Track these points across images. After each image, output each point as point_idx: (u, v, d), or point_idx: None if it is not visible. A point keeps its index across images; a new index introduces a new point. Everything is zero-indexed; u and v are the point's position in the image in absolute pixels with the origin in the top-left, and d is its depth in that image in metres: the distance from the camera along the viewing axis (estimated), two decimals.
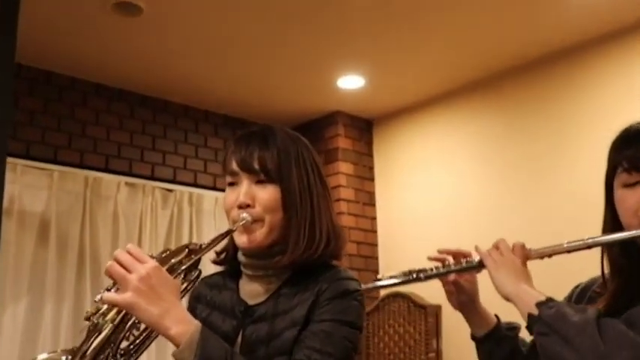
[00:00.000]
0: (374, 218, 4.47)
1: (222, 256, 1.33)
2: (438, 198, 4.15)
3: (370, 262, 4.36)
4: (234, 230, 1.23)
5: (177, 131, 4.20)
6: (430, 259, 1.47)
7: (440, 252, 1.46)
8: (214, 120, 4.38)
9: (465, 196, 4.02)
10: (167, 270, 1.09)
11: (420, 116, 4.35)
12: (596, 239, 1.26)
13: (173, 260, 1.12)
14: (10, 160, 3.30)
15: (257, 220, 1.23)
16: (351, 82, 4.00)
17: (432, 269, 1.45)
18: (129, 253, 1.07)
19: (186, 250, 1.15)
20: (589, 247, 1.28)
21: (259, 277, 1.27)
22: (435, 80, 4.01)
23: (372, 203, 4.48)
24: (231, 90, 4.04)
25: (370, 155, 4.57)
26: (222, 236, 1.22)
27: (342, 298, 1.20)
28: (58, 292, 3.61)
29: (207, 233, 4.18)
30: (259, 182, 1.24)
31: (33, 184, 3.62)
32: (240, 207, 1.24)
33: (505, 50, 3.65)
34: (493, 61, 3.80)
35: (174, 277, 1.10)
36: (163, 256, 1.13)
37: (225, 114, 4.41)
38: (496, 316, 1.49)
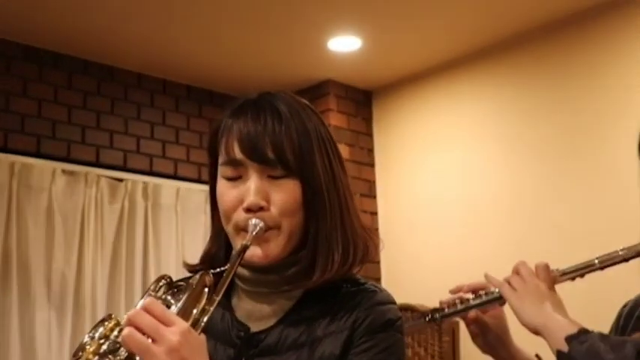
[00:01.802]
0: (374, 213, 4.50)
1: (203, 259, 1.27)
2: (453, 188, 4.17)
3: (370, 268, 4.35)
4: (249, 245, 1.15)
5: (127, 105, 4.19)
6: (443, 303, 1.50)
7: (453, 292, 1.50)
8: (174, 91, 4.39)
9: (486, 186, 4.04)
10: (195, 323, 1.04)
11: (430, 86, 4.36)
12: (632, 249, 1.29)
13: (195, 311, 1.04)
14: None
15: (272, 228, 1.17)
16: (345, 43, 3.99)
17: (447, 307, 1.50)
18: (148, 311, 0.98)
19: (205, 290, 1.06)
20: (625, 259, 1.30)
21: (265, 295, 1.22)
22: (449, 41, 4.00)
23: (371, 195, 4.51)
24: (194, 54, 4.06)
25: (369, 135, 4.59)
26: (238, 256, 1.14)
27: (385, 331, 1.17)
28: None
29: (167, 234, 4.20)
30: (273, 177, 1.18)
31: None
32: (250, 210, 1.17)
33: (537, 3, 3.63)
34: (523, 16, 3.79)
35: (200, 333, 1.03)
36: (161, 284, 1.08)
37: (187, 84, 4.43)
38: (537, 356, 1.48)
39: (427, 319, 1.49)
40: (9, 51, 3.83)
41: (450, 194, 4.17)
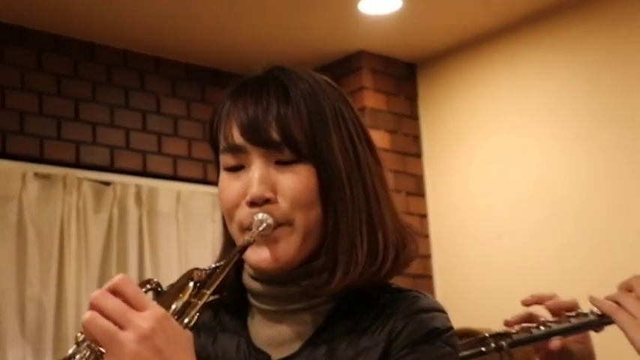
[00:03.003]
0: (423, 215, 4.52)
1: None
2: (521, 181, 4.18)
3: (421, 282, 4.35)
4: (253, 242, 1.19)
5: (112, 90, 4.23)
6: (510, 323, 1.52)
7: (526, 303, 1.51)
8: (170, 71, 4.43)
9: (561, 178, 4.06)
10: (177, 314, 1.10)
11: (488, 54, 4.38)
12: None
13: (177, 303, 1.10)
14: None
15: (282, 224, 1.21)
16: (380, 4, 4.01)
17: (518, 331, 1.51)
18: (116, 293, 1.03)
19: (190, 283, 1.12)
20: None
21: (286, 313, 1.26)
22: None
23: (419, 192, 4.53)
24: (192, 26, 4.12)
25: (414, 118, 4.61)
26: (238, 253, 1.19)
27: (430, 342, 1.20)
28: None
29: (167, 247, 4.25)
30: (281, 163, 1.22)
31: None
32: (254, 203, 1.21)
33: None
34: None
35: (184, 328, 1.09)
36: (146, 290, 1.11)
37: (185, 62, 4.47)
38: None
39: (489, 347, 1.47)
40: None
41: (517, 189, 4.20)
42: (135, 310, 1.01)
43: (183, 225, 4.25)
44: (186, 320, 1.09)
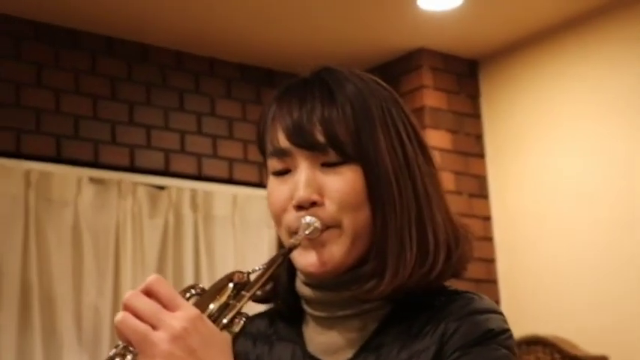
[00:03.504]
0: (487, 218, 4.52)
1: (268, 287, 1.34)
2: (593, 181, 4.15)
3: (485, 287, 4.34)
4: (298, 245, 1.21)
5: (167, 92, 4.27)
6: None
7: None
8: (225, 72, 4.46)
9: (636, 176, 4.02)
10: (214, 315, 1.11)
11: (554, 49, 4.35)
12: None
13: (214, 304, 1.11)
14: None
15: (330, 227, 1.23)
16: (441, 0, 4.02)
17: None
18: (149, 294, 1.04)
19: (230, 284, 1.14)
20: None
21: (339, 319, 1.27)
22: None
23: (482, 194, 4.53)
24: (248, 26, 4.13)
25: (476, 117, 4.61)
26: (282, 256, 1.21)
27: (485, 344, 1.20)
28: None
29: (223, 253, 4.29)
30: (328, 165, 1.24)
31: None
32: (301, 207, 1.23)
33: None
34: None
35: (221, 330, 1.10)
36: (190, 296, 1.13)
37: (240, 63, 4.50)
38: None
39: None
40: (19, 31, 3.92)
41: (588, 189, 4.16)
42: (167, 311, 1.02)
43: (240, 229, 4.28)
44: (224, 321, 1.09)
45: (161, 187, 4.15)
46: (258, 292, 1.30)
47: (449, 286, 1.28)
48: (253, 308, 1.34)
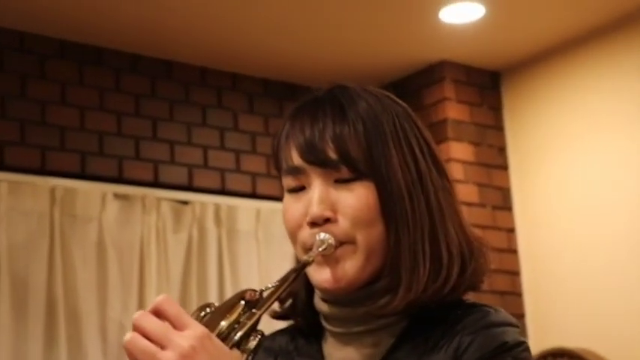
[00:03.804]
0: (511, 230, 4.50)
1: (288, 304, 1.36)
2: (618, 193, 4.11)
3: (510, 300, 4.33)
4: (311, 262, 1.22)
5: (190, 108, 4.28)
6: None
7: None
8: (248, 87, 4.47)
9: None
10: (224, 334, 1.11)
11: (578, 60, 4.34)
12: None
13: (224, 322, 1.12)
14: None
15: (344, 243, 1.24)
16: (462, 12, 4.00)
17: None
18: (158, 313, 1.05)
19: (242, 302, 1.14)
20: None
21: (355, 335, 1.28)
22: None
23: (506, 206, 4.52)
24: (270, 40, 4.14)
25: (499, 129, 4.61)
26: (294, 273, 1.21)
27: (498, 357, 1.20)
28: None
29: (247, 267, 4.27)
30: (341, 181, 1.26)
31: None
32: (315, 223, 1.24)
33: None
34: None
35: (231, 348, 1.10)
36: (203, 315, 1.13)
37: (263, 77, 4.50)
38: None
39: None
40: (44, 49, 3.94)
41: (613, 201, 4.12)
42: (175, 330, 1.03)
43: (263, 244, 4.26)
44: (235, 339, 1.10)
45: (185, 202, 4.15)
46: (277, 309, 1.35)
47: (466, 299, 1.29)
48: (275, 325, 1.38)
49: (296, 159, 1.26)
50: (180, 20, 3.87)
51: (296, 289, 1.33)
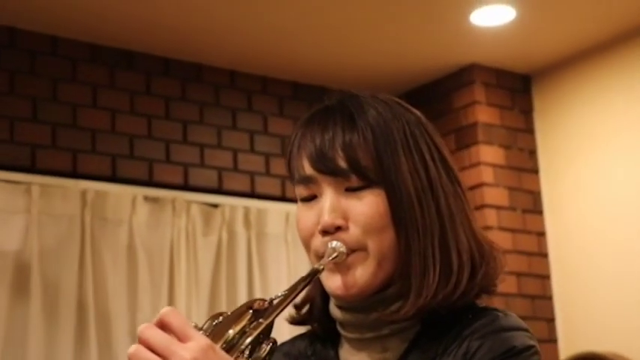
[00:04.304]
0: (541, 234, 4.48)
1: (305, 310, 1.37)
2: None
3: (540, 304, 4.34)
4: (322, 270, 1.23)
5: (220, 111, 4.29)
6: None
7: None
8: (277, 90, 4.48)
9: None
10: (224, 348, 1.11)
11: (611, 63, 4.31)
12: None
13: (231, 331, 1.12)
14: None
15: (356, 250, 1.25)
16: (493, 15, 4.00)
17: None
18: (163, 325, 1.06)
19: (250, 311, 1.15)
20: None
21: (369, 340, 1.29)
22: (632, 2, 3.96)
23: (536, 210, 4.50)
24: (299, 44, 4.15)
25: (530, 132, 4.60)
26: (304, 282, 1.22)
27: None
28: None
29: (276, 270, 4.29)
30: (351, 190, 1.27)
31: (0, 207, 3.70)
32: (326, 232, 1.26)
33: None
34: None
35: (236, 359, 1.11)
36: (215, 324, 1.14)
37: (293, 81, 4.51)
38: None
39: None
40: (75, 52, 3.96)
41: None
42: (179, 342, 1.04)
43: (293, 247, 4.25)
44: (241, 347, 1.11)
45: (214, 205, 4.16)
46: (294, 315, 1.37)
47: (479, 302, 1.30)
48: (295, 331, 1.40)
49: (307, 168, 1.28)
50: (211, 23, 3.88)
51: (312, 295, 1.35)
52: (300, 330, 1.41)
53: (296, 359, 1.38)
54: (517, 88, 4.55)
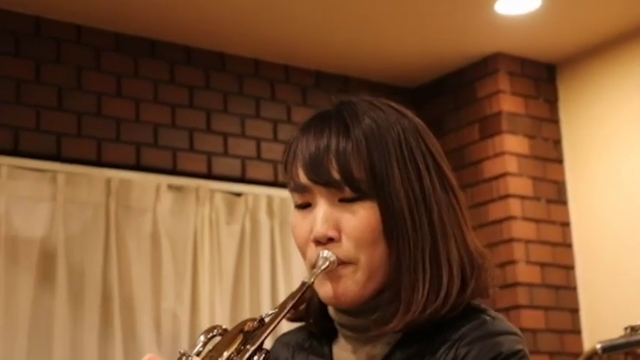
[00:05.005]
0: (565, 224, 4.47)
1: (302, 308, 1.38)
2: None
3: (564, 295, 4.34)
4: (311, 283, 1.24)
5: (244, 100, 4.29)
6: None
7: None
8: (300, 79, 4.48)
9: None
10: None
11: (638, 52, 4.30)
12: None
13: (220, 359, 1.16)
14: None
15: (346, 263, 1.26)
16: (519, 3, 4.00)
17: None
18: None
19: (240, 334, 1.19)
20: None
21: (363, 339, 1.31)
22: None
23: (560, 200, 4.50)
24: (322, 32, 4.14)
25: (554, 122, 4.58)
26: (293, 298, 1.24)
27: None
28: (72, 357, 3.68)
29: (300, 259, 4.19)
30: (345, 200, 1.27)
31: (26, 195, 3.71)
32: (319, 242, 1.26)
33: None
34: None
35: None
36: (211, 337, 1.19)
37: (316, 70, 4.51)
38: None
39: None
40: (99, 41, 3.97)
41: None
42: None
43: None
44: None
45: (238, 194, 4.16)
46: (292, 313, 1.37)
47: (474, 305, 1.29)
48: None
49: (302, 177, 1.27)
50: (234, 13, 3.88)
51: (310, 294, 1.35)
52: None
53: (294, 350, 1.40)
54: (542, 77, 4.53)
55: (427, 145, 1.30)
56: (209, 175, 4.10)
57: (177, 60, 4.14)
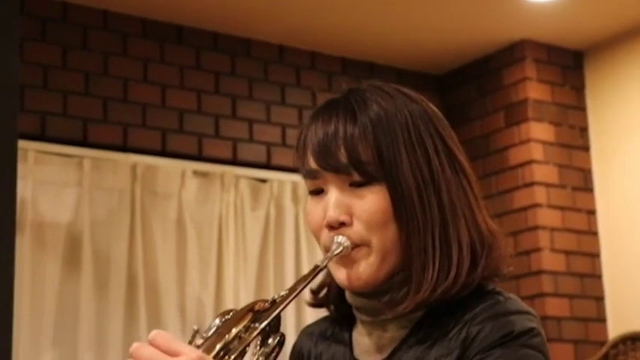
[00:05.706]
0: (591, 212, 4.47)
1: (322, 294, 1.40)
2: None
3: (589, 283, 4.34)
4: (324, 267, 1.27)
5: (269, 86, 4.30)
6: None
7: None
8: (326, 66, 4.48)
9: None
10: (222, 352, 1.14)
11: None
12: None
13: (227, 336, 1.15)
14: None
15: (360, 245, 1.28)
16: None
17: None
18: (153, 344, 1.09)
19: (250, 314, 1.19)
20: None
21: (379, 323, 1.33)
22: None
23: (587, 187, 4.49)
24: (351, 19, 4.15)
25: (581, 109, 4.58)
26: (305, 281, 1.25)
27: (504, 345, 1.22)
28: (98, 342, 3.72)
29: None
30: (355, 184, 1.29)
31: (53, 180, 3.73)
32: (332, 227, 1.28)
33: None
34: None
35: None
36: (216, 328, 1.18)
37: (341, 56, 4.52)
38: None
39: None
40: (126, 27, 3.99)
41: None
42: (169, 356, 1.07)
43: None
44: (233, 356, 1.14)
45: (263, 180, 4.18)
46: (312, 298, 1.41)
47: (485, 284, 1.30)
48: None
49: (312, 163, 1.30)
50: None
51: (328, 280, 1.38)
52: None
53: (317, 339, 1.42)
54: (568, 64, 4.53)
55: (436, 127, 1.32)
56: (234, 161, 4.12)
57: (204, 46, 4.14)
